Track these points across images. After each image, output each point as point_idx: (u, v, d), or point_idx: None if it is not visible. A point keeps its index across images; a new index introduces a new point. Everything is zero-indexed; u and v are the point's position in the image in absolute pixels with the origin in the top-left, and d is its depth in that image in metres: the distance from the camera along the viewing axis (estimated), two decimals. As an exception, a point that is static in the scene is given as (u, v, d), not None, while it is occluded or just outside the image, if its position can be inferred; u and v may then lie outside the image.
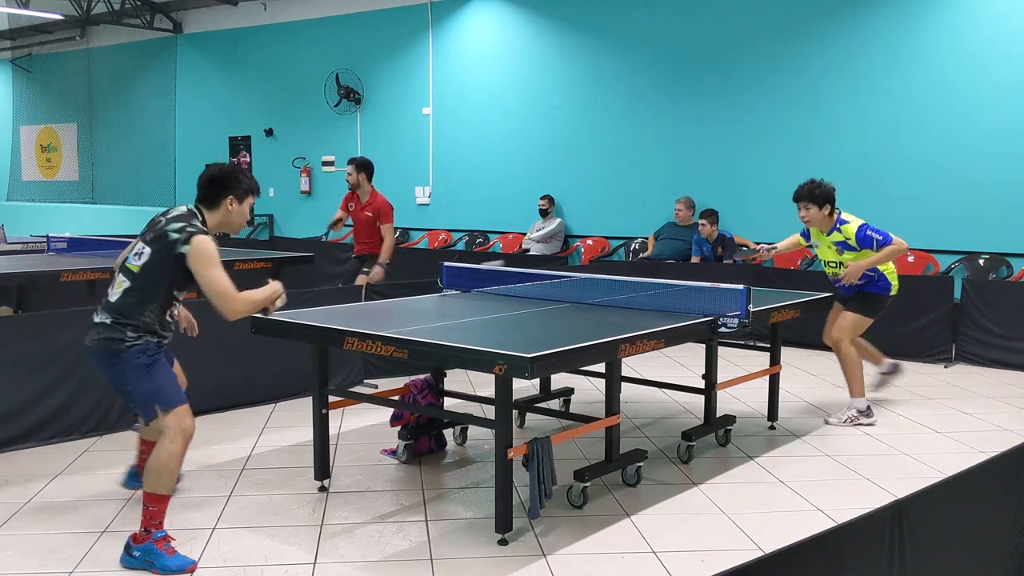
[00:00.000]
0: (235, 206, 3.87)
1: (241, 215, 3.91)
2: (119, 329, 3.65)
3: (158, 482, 3.63)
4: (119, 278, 3.77)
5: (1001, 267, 8.56)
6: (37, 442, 5.13)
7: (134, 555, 3.61)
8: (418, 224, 12.85)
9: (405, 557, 3.70)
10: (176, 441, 3.65)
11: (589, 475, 4.28)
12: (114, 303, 3.71)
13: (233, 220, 3.90)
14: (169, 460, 3.63)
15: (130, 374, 3.67)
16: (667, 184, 10.54)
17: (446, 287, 5.62)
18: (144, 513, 3.64)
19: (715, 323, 4.47)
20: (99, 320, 3.72)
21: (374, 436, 5.40)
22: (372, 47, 13.06)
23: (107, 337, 3.66)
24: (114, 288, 3.76)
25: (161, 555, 3.59)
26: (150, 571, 3.56)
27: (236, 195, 3.86)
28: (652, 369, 6.95)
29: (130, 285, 3.71)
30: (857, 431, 5.60)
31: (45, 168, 18.43)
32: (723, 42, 10.15)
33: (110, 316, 3.69)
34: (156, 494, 3.64)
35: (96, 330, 3.72)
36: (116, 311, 3.69)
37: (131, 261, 3.77)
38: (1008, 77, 8.49)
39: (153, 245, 3.72)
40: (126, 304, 3.69)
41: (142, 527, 3.63)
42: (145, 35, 15.39)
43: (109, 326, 3.67)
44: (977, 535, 2.83)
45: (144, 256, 3.72)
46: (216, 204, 3.84)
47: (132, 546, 3.62)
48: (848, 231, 5.68)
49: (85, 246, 8.03)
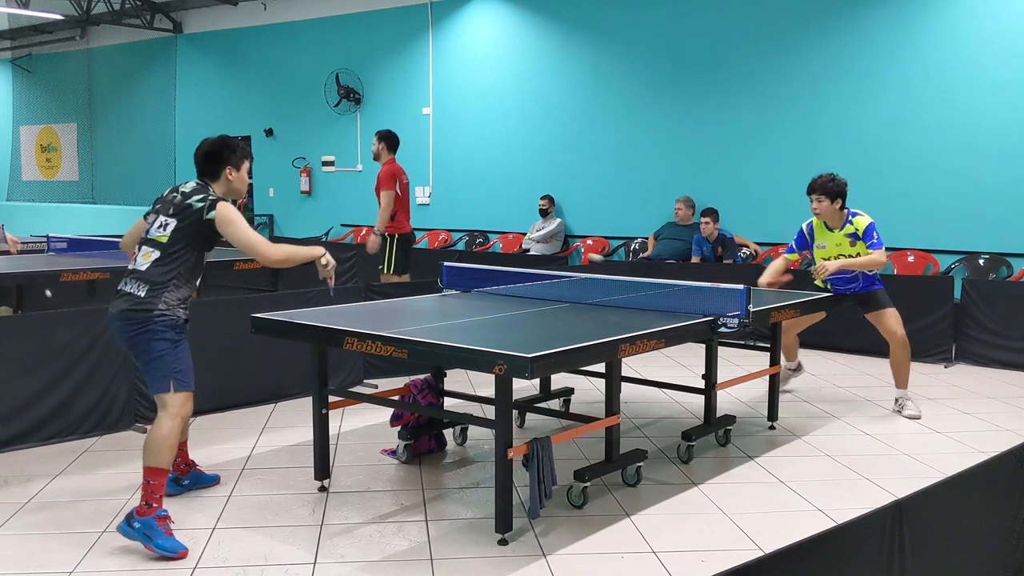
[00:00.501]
0: (234, 174, 4.13)
1: (242, 181, 4.17)
2: (150, 300, 3.83)
3: (158, 456, 3.77)
4: (144, 249, 3.96)
5: (1001, 267, 8.56)
6: (37, 442, 5.13)
7: (134, 526, 3.71)
8: (418, 224, 12.80)
9: (405, 557, 3.70)
10: (176, 419, 3.85)
11: (589, 475, 4.28)
12: (143, 271, 3.89)
13: (235, 187, 4.15)
14: (169, 435, 3.81)
15: (158, 344, 3.84)
16: (667, 184, 10.55)
17: (446, 287, 5.62)
18: (145, 487, 3.76)
19: (715, 323, 4.47)
20: (129, 290, 3.89)
21: (374, 436, 5.40)
22: (372, 47, 13.06)
23: (138, 308, 3.83)
24: (140, 259, 3.94)
25: (160, 533, 3.69)
26: (145, 544, 3.68)
27: (233, 164, 4.11)
28: (652, 369, 6.95)
29: (160, 255, 3.91)
30: (857, 431, 5.60)
31: (45, 168, 18.43)
32: (723, 42, 10.15)
33: (143, 285, 3.86)
34: (155, 467, 3.77)
35: (125, 300, 3.88)
36: (147, 280, 3.86)
37: (155, 233, 3.95)
38: (1008, 77, 8.49)
39: (179, 216, 3.93)
40: (157, 273, 3.88)
41: (143, 500, 3.75)
42: (145, 35, 15.40)
43: (141, 298, 3.84)
44: (977, 535, 2.83)
45: (170, 226, 3.93)
46: (217, 176, 4.09)
47: (134, 517, 3.72)
48: (860, 223, 5.86)
49: (85, 246, 8.03)
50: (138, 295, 3.85)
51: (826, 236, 5.98)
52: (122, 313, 3.87)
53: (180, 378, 3.86)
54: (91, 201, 17.19)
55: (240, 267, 7.30)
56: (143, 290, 3.86)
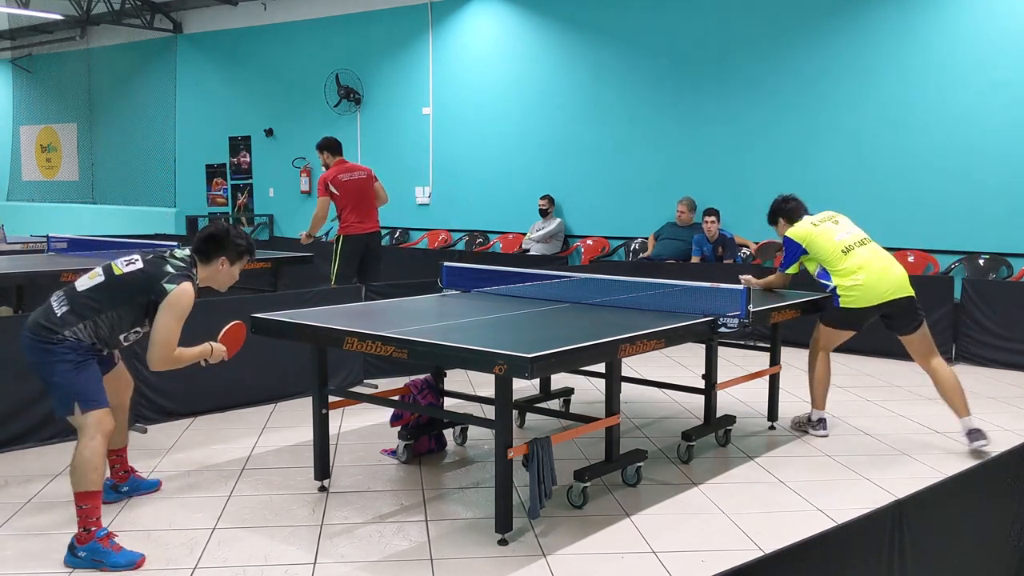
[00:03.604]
0: (226, 266, 3.99)
1: (230, 276, 4.04)
2: (64, 323, 3.68)
3: (85, 479, 3.62)
4: (96, 270, 3.84)
5: (1001, 267, 8.56)
6: (37, 442, 5.13)
7: (79, 555, 3.60)
8: (418, 224, 12.86)
9: (405, 557, 3.70)
10: (96, 438, 3.66)
11: (589, 475, 4.28)
12: (76, 293, 3.77)
13: (221, 279, 4.02)
14: (92, 456, 3.64)
15: (58, 367, 3.68)
16: (667, 184, 10.54)
17: (446, 287, 5.62)
18: (79, 513, 3.63)
19: (715, 323, 4.47)
20: (53, 305, 3.76)
21: (374, 436, 5.39)
22: (372, 47, 13.06)
23: (47, 325, 3.69)
24: (84, 278, 3.83)
25: (108, 552, 3.59)
26: (99, 569, 3.56)
27: (229, 257, 3.98)
28: (652, 369, 6.95)
29: (103, 282, 3.78)
30: (857, 431, 5.60)
31: (45, 168, 18.43)
32: (723, 42, 10.15)
33: (67, 305, 3.73)
34: (85, 492, 3.63)
35: (42, 313, 3.75)
36: (73, 303, 3.74)
37: (118, 263, 3.84)
38: (1008, 77, 8.49)
39: (147, 265, 3.81)
40: (87, 302, 3.74)
41: (81, 527, 3.62)
42: (145, 35, 15.39)
43: (57, 317, 3.70)
44: (977, 535, 2.83)
45: (133, 266, 3.81)
46: (209, 260, 3.96)
47: (76, 547, 3.61)
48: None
49: (85, 246, 8.03)
50: (55, 312, 3.71)
51: None
52: (32, 326, 3.72)
53: (84, 400, 3.67)
54: (91, 201, 17.19)
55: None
56: (62, 309, 3.72)
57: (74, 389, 3.68)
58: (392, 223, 13.03)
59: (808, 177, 9.37)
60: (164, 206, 15.69)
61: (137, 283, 3.77)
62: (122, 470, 4.33)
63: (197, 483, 4.58)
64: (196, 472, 4.75)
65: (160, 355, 3.76)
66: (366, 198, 7.92)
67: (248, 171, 14.79)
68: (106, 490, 4.21)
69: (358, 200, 7.86)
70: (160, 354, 3.76)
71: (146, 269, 3.80)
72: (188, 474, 4.71)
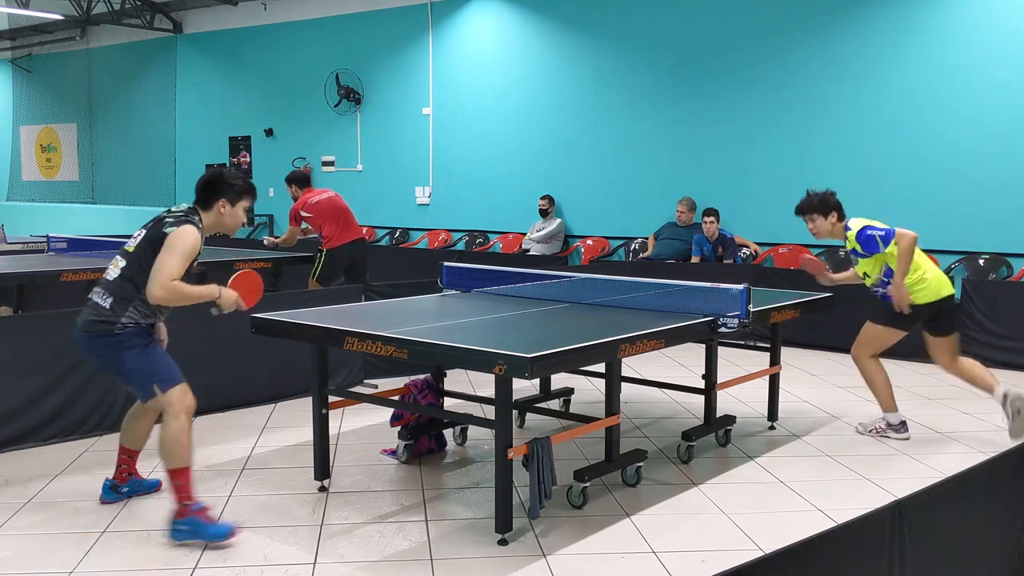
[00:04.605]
0: (227, 208, 4.03)
1: (234, 217, 4.06)
2: (115, 311, 3.83)
3: (174, 457, 3.81)
4: (116, 258, 3.98)
5: (1001, 267, 8.56)
6: (37, 442, 5.13)
7: (181, 528, 3.79)
8: (418, 224, 12.86)
9: (405, 557, 3.70)
10: (180, 417, 3.84)
11: (589, 475, 4.28)
12: (110, 281, 3.90)
13: (226, 222, 4.07)
14: (178, 434, 3.82)
15: (127, 353, 3.84)
16: (667, 184, 10.54)
17: (446, 287, 5.62)
18: (174, 488, 3.81)
19: (715, 323, 4.47)
20: (96, 300, 3.89)
21: (374, 436, 5.39)
22: (372, 47, 13.06)
23: (101, 320, 3.83)
24: (110, 268, 3.96)
25: (206, 525, 3.79)
26: (198, 539, 3.77)
27: (228, 198, 4.02)
28: (652, 369, 6.95)
29: (125, 264, 3.91)
30: (856, 431, 5.60)
31: (45, 168, 18.44)
32: (723, 42, 10.15)
33: (108, 295, 3.86)
34: (176, 469, 3.81)
35: (90, 310, 3.89)
36: (113, 292, 3.87)
37: (129, 244, 3.98)
38: (1009, 77, 8.49)
39: (149, 229, 3.93)
40: (123, 285, 3.87)
41: (177, 501, 3.81)
42: (145, 35, 15.40)
43: (106, 310, 3.83)
44: (977, 535, 2.83)
45: (139, 238, 3.94)
46: (209, 205, 4.02)
47: (177, 520, 3.80)
48: (851, 237, 5.29)
49: (85, 246, 8.03)
50: (103, 306, 3.85)
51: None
52: (87, 325, 3.86)
53: (162, 379, 3.84)
54: (91, 201, 17.20)
55: (239, 267, 7.29)
56: (107, 301, 3.85)
57: (149, 371, 3.85)
58: (392, 223, 13.04)
59: (808, 177, 9.31)
60: (164, 206, 15.57)
61: (148, 244, 3.87)
62: (127, 471, 4.32)
63: (197, 483, 4.57)
64: (196, 472, 4.72)
65: (158, 281, 3.73)
66: (340, 211, 8.04)
67: (248, 171, 14.79)
68: (106, 490, 4.25)
69: (333, 215, 7.99)
70: (158, 280, 3.73)
71: (149, 230, 3.93)
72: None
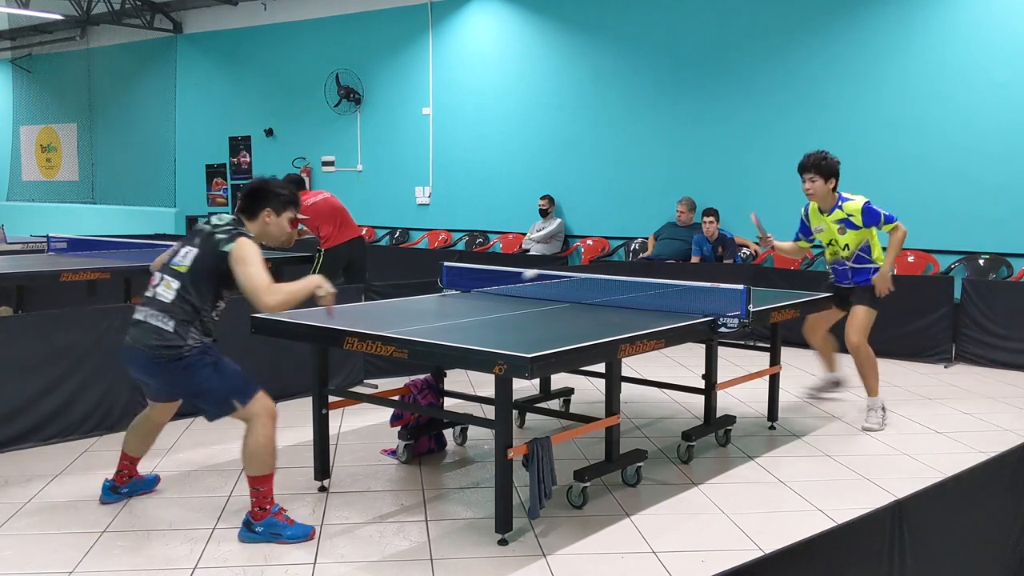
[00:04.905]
0: (272, 218, 4.01)
1: (279, 227, 4.05)
2: (179, 334, 3.75)
3: (261, 466, 3.81)
4: (166, 279, 3.86)
5: (1001, 267, 8.56)
6: (37, 442, 5.13)
7: (256, 531, 3.80)
8: (418, 224, 12.86)
9: (405, 557, 3.70)
10: (268, 425, 3.82)
11: (589, 475, 4.28)
12: (167, 303, 3.80)
13: (271, 232, 4.04)
14: (267, 443, 3.81)
15: (201, 374, 3.78)
16: (667, 184, 10.55)
17: (446, 287, 5.62)
18: (254, 495, 3.82)
19: (715, 323, 4.47)
20: (155, 323, 3.77)
21: (374, 436, 5.40)
22: (372, 47, 13.07)
23: (168, 345, 3.73)
24: (161, 288, 3.85)
25: (284, 526, 3.81)
26: (277, 542, 3.77)
27: (273, 207, 4.00)
28: (652, 369, 6.95)
29: (180, 285, 3.82)
30: (857, 431, 5.60)
31: (45, 168, 18.44)
32: (723, 42, 10.15)
33: (168, 318, 3.76)
34: (260, 476, 3.82)
35: (152, 334, 3.76)
36: (173, 313, 3.77)
37: (177, 262, 3.87)
38: (1008, 77, 8.49)
39: (201, 247, 3.85)
40: (183, 306, 3.79)
41: (256, 507, 3.81)
42: (145, 35, 15.40)
43: (170, 333, 3.74)
44: (977, 535, 2.83)
45: (190, 257, 3.85)
46: (254, 215, 4.00)
47: (253, 523, 3.81)
48: (852, 208, 5.50)
49: (85, 246, 8.03)
50: (165, 329, 3.76)
51: (820, 219, 5.67)
52: (150, 351, 3.76)
53: (240, 394, 3.81)
54: (91, 201, 17.20)
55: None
56: (169, 324, 3.76)
57: (227, 388, 3.81)
58: (392, 223, 13.04)
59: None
60: (164, 206, 15.69)
61: (204, 265, 3.82)
62: (128, 475, 4.31)
63: (197, 483, 4.58)
64: (196, 472, 4.75)
65: (261, 296, 3.74)
66: (336, 211, 8.04)
67: (248, 171, 14.79)
68: (105, 491, 4.24)
69: (330, 215, 8.00)
70: (261, 296, 3.73)
71: (202, 249, 3.85)
72: (188, 474, 4.71)
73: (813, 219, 5.76)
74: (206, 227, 3.94)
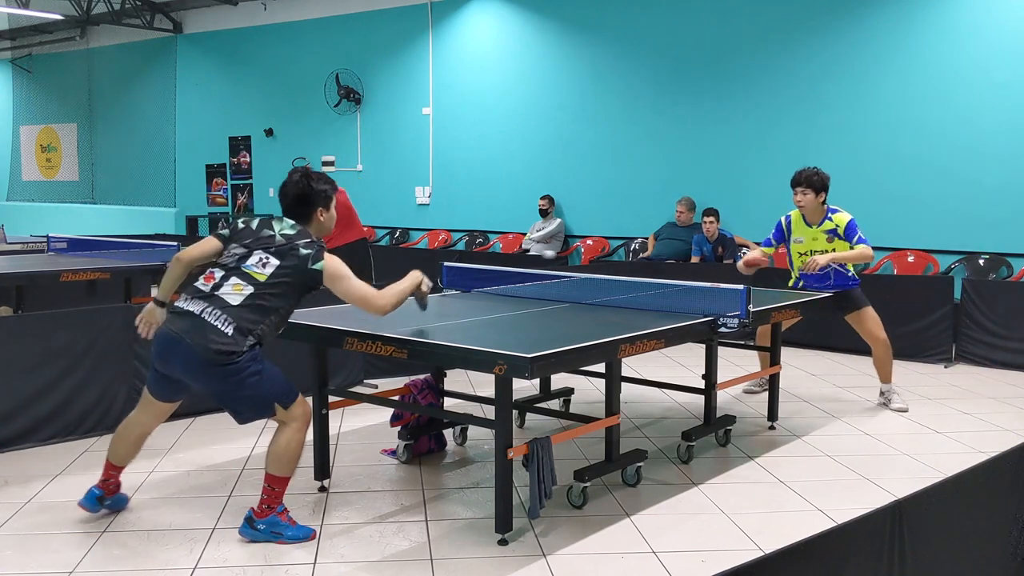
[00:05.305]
0: (325, 216, 4.04)
1: (331, 220, 4.09)
2: (237, 341, 3.65)
3: (285, 467, 3.81)
4: (237, 281, 3.74)
5: (1001, 267, 8.56)
6: (37, 442, 5.13)
7: (258, 528, 3.80)
8: (418, 224, 12.86)
9: (405, 557, 3.70)
10: (302, 431, 3.84)
11: (589, 475, 4.28)
12: (235, 307, 3.68)
13: (325, 227, 4.07)
14: (297, 447, 3.82)
15: (248, 381, 3.71)
16: (667, 184, 10.55)
17: (446, 287, 5.62)
18: (266, 492, 3.81)
19: (715, 323, 4.47)
20: (214, 322, 3.65)
21: (374, 436, 5.39)
22: (372, 47, 13.07)
23: (225, 350, 3.62)
24: (228, 288, 3.72)
25: (287, 526, 3.82)
26: (277, 541, 3.78)
27: (323, 205, 4.02)
28: (652, 369, 6.95)
29: (253, 292, 3.72)
30: (857, 431, 5.60)
31: (45, 168, 18.44)
32: (723, 43, 10.15)
33: (230, 323, 3.65)
34: (280, 477, 3.82)
35: (210, 334, 3.62)
36: (237, 317, 3.67)
37: (253, 268, 3.77)
38: (1008, 77, 8.49)
39: (283, 258, 3.78)
40: (250, 315, 3.70)
41: (264, 504, 3.80)
42: (145, 35, 15.40)
43: (229, 337, 3.63)
44: (977, 535, 2.83)
45: (271, 266, 3.77)
46: (308, 218, 3.99)
47: (255, 519, 3.80)
48: (840, 219, 5.91)
49: (85, 246, 8.03)
50: (225, 332, 3.62)
51: (804, 231, 6.01)
52: (207, 353, 3.60)
53: (283, 398, 3.79)
54: (91, 201, 17.20)
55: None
56: (229, 328, 3.63)
57: (272, 394, 3.78)
58: (392, 223, 13.04)
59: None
60: (164, 206, 15.70)
61: (291, 279, 3.78)
62: (114, 484, 4.17)
63: (197, 483, 4.58)
64: (196, 472, 4.75)
65: (374, 303, 3.85)
66: (345, 210, 7.98)
67: (248, 171, 14.80)
68: (91, 498, 4.10)
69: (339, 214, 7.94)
70: (373, 303, 3.84)
71: (287, 263, 3.78)
72: (188, 474, 4.71)
73: (796, 229, 6.06)
74: (274, 236, 3.85)
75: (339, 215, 7.95)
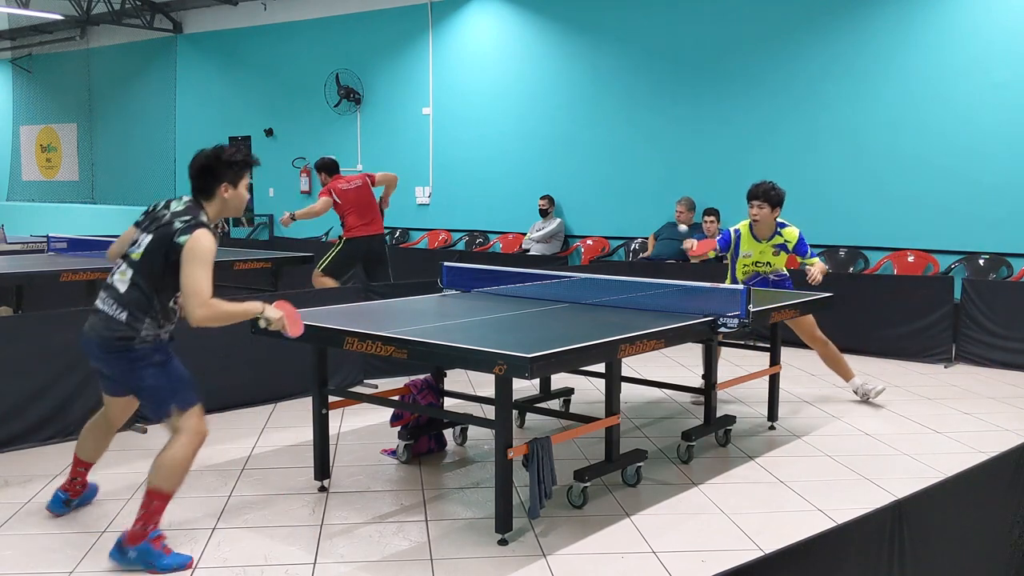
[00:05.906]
0: (231, 191, 3.73)
1: (239, 198, 3.77)
2: (132, 326, 3.58)
3: (169, 480, 3.57)
4: (122, 267, 3.69)
5: (1001, 267, 8.56)
6: (36, 442, 5.13)
7: (129, 555, 3.52)
8: (418, 224, 12.86)
9: (405, 557, 3.70)
10: (194, 444, 3.62)
11: (589, 475, 4.28)
12: (122, 293, 3.62)
13: (231, 205, 3.76)
14: (184, 459, 3.60)
15: (146, 371, 3.61)
16: (667, 184, 10.55)
17: (446, 287, 5.62)
18: (145, 508, 3.55)
19: (715, 323, 4.47)
20: (107, 310, 3.62)
21: (374, 436, 5.39)
22: (372, 47, 13.07)
23: (119, 336, 3.58)
24: (116, 277, 3.68)
25: (160, 555, 3.53)
26: (148, 571, 3.51)
27: (229, 180, 3.71)
28: (652, 369, 6.95)
29: (134, 272, 3.64)
30: (857, 431, 5.60)
31: (45, 168, 18.44)
32: (722, 43, 10.15)
33: (122, 309, 3.60)
34: (162, 492, 3.57)
35: (104, 322, 3.61)
36: (126, 303, 3.60)
37: (132, 249, 3.69)
38: (1008, 77, 8.49)
39: (156, 233, 3.62)
40: (136, 297, 3.61)
41: (140, 523, 3.53)
42: (145, 35, 15.40)
43: (122, 322, 3.58)
44: (977, 535, 2.83)
45: (144, 244, 3.65)
46: (211, 194, 3.72)
47: (125, 546, 3.53)
48: (790, 235, 5.96)
49: (85, 246, 8.03)
50: (118, 318, 3.58)
51: (752, 245, 6.04)
52: (102, 340, 3.60)
53: (181, 400, 3.62)
54: (91, 201, 17.19)
55: (239, 267, 7.30)
56: (123, 314, 3.58)
57: (169, 389, 3.63)
58: (392, 223, 13.03)
59: (808, 177, 9.37)
60: (164, 206, 15.67)
61: (158, 254, 3.58)
62: (80, 484, 4.14)
63: (197, 483, 4.58)
64: (196, 472, 4.73)
65: (195, 304, 3.47)
66: (368, 202, 8.16)
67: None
68: (56, 501, 4.09)
69: (359, 205, 8.12)
70: (194, 303, 3.47)
71: (157, 237, 3.61)
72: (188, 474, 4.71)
73: (744, 244, 6.09)
74: (164, 212, 3.68)
75: (363, 208, 8.07)
